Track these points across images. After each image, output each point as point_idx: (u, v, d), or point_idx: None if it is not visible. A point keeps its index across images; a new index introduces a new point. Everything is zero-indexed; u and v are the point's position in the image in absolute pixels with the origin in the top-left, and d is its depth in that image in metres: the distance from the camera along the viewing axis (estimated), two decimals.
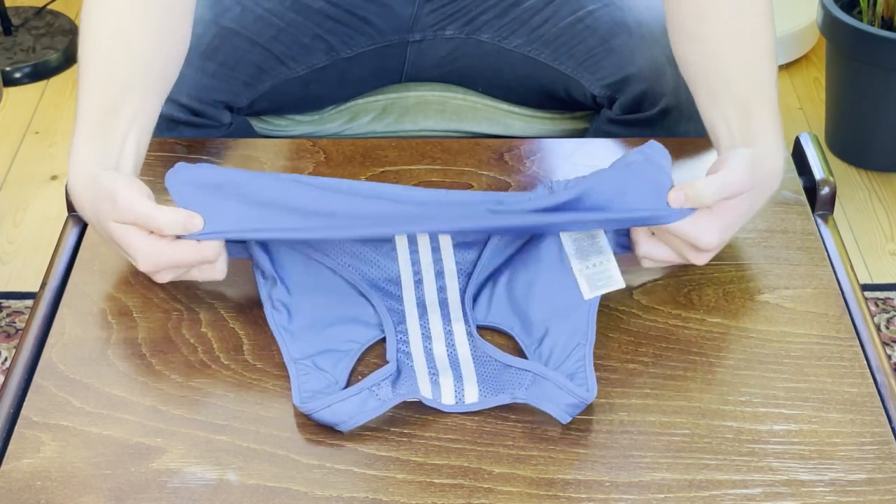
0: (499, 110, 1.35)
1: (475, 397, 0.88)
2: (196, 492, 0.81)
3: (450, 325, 0.93)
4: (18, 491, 0.81)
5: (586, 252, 0.94)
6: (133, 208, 0.89)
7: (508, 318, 0.94)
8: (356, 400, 0.85)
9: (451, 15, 1.29)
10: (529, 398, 0.86)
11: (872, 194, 2.13)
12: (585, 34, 1.25)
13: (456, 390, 0.88)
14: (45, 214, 2.08)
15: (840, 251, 1.02)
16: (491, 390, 0.88)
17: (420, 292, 0.95)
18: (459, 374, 0.89)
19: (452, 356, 0.91)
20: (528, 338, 0.92)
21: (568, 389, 0.85)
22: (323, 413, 0.85)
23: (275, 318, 0.92)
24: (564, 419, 0.85)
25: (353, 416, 0.84)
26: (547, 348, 0.90)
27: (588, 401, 0.85)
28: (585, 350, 0.89)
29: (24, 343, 0.93)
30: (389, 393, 0.87)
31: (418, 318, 0.94)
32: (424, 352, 0.91)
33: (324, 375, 0.88)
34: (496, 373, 0.89)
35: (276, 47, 1.24)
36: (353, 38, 1.28)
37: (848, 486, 0.82)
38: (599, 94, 1.25)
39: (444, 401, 0.87)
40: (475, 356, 0.91)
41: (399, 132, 1.35)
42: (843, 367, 0.91)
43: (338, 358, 0.90)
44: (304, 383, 0.87)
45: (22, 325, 1.83)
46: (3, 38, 2.50)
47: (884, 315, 1.86)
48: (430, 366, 0.90)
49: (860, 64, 2.07)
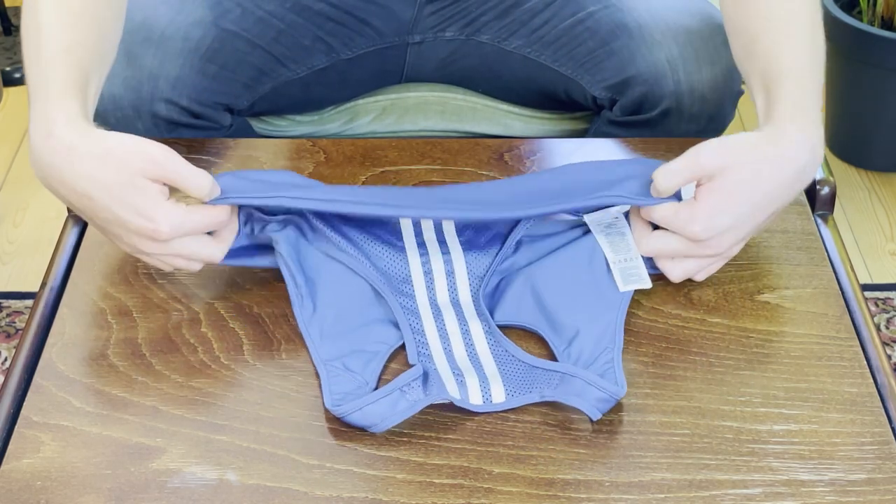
0: (499, 110, 1.35)
1: (502, 397, 0.87)
2: (196, 492, 0.81)
3: (466, 325, 0.93)
4: (18, 491, 0.81)
5: (618, 248, 0.95)
6: (170, 165, 0.87)
7: (537, 319, 0.94)
8: (387, 402, 0.85)
9: (452, 17, 1.29)
10: (558, 395, 0.86)
11: (872, 194, 2.14)
12: (586, 36, 1.25)
13: (483, 390, 0.88)
14: (45, 214, 2.08)
15: (840, 251, 1.02)
16: (518, 389, 0.88)
17: (432, 293, 0.95)
18: (484, 374, 0.89)
19: (472, 355, 0.91)
20: (557, 339, 0.92)
21: (598, 385, 0.85)
22: (355, 416, 0.85)
23: (304, 317, 0.92)
24: (595, 415, 0.84)
25: (384, 418, 0.84)
26: (576, 350, 0.90)
27: (618, 396, 0.85)
28: (614, 353, 0.89)
29: (24, 343, 0.93)
30: (420, 394, 0.86)
31: (433, 318, 0.94)
32: (445, 353, 0.91)
33: (353, 377, 0.88)
34: (522, 372, 0.89)
35: (276, 49, 1.24)
36: (353, 39, 1.28)
37: (848, 486, 0.82)
38: (600, 96, 1.25)
39: (472, 401, 0.87)
40: (495, 354, 0.91)
41: (399, 132, 1.35)
42: (843, 367, 0.91)
43: (367, 359, 0.90)
44: (335, 385, 0.87)
45: (22, 325, 1.83)
46: (3, 38, 2.50)
47: (884, 315, 1.86)
48: (453, 367, 0.90)
49: (860, 64, 2.07)
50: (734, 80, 1.22)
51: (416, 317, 0.93)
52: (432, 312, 0.94)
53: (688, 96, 1.20)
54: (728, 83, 1.22)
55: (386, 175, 1.09)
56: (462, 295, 0.95)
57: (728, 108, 1.24)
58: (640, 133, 1.24)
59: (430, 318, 0.94)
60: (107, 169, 0.87)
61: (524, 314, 0.94)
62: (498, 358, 0.91)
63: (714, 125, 1.24)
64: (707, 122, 1.23)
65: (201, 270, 0.95)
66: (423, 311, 0.94)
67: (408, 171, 1.10)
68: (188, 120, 1.19)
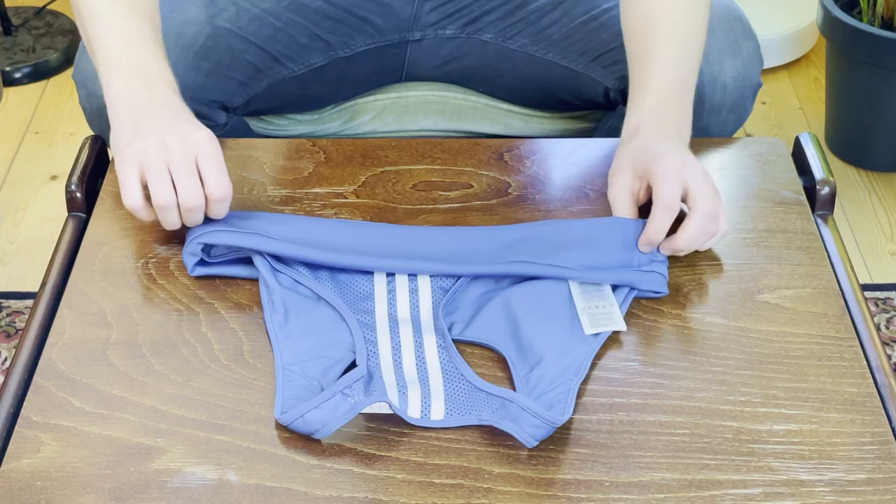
0: (499, 110, 1.35)
1: (441, 415, 0.87)
2: (196, 492, 0.81)
3: (420, 337, 0.93)
4: (18, 491, 0.81)
5: (591, 295, 0.95)
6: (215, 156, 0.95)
7: (505, 341, 0.92)
8: (328, 406, 0.84)
9: (452, 14, 1.29)
10: (494, 420, 0.84)
11: (872, 194, 2.13)
12: (600, 31, 1.24)
13: (423, 405, 0.87)
14: (45, 214, 2.08)
15: (840, 251, 1.02)
16: (458, 409, 0.87)
17: (392, 308, 0.95)
18: (427, 389, 0.89)
19: (421, 368, 0.90)
20: (521, 363, 0.90)
21: (532, 411, 0.83)
22: (297, 423, 0.84)
23: (273, 323, 0.92)
24: (530, 442, 0.83)
25: (325, 423, 0.83)
26: (536, 376, 0.89)
27: (556, 424, 0.84)
28: (572, 384, 0.87)
29: (24, 343, 0.93)
30: (361, 395, 0.85)
31: (389, 331, 0.93)
32: (394, 364, 0.91)
33: (309, 382, 0.88)
34: (466, 393, 0.88)
35: (272, 46, 1.23)
36: (352, 37, 1.27)
37: (848, 486, 0.82)
38: (614, 87, 1.25)
39: (410, 413, 0.86)
40: (445, 370, 0.90)
41: (399, 132, 1.35)
42: (843, 367, 0.91)
43: (328, 365, 0.89)
44: (288, 389, 0.87)
45: (22, 325, 1.83)
46: (3, 38, 2.49)
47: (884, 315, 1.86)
48: (398, 378, 0.89)
49: (860, 64, 2.07)
50: (755, 72, 1.22)
51: (371, 330, 0.93)
52: (389, 326, 0.94)
53: (709, 86, 1.19)
54: (749, 75, 1.21)
55: (386, 175, 1.09)
56: (423, 310, 0.95)
57: (748, 100, 1.23)
58: None
59: (385, 332, 0.93)
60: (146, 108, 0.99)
61: (494, 334, 0.93)
62: (446, 374, 0.90)
63: (734, 116, 1.23)
64: (727, 114, 1.22)
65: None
66: (380, 325, 0.93)
67: (408, 171, 1.10)
68: None
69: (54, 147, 2.25)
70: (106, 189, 1.08)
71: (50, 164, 2.20)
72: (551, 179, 1.10)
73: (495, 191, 1.08)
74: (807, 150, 1.10)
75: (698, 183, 0.98)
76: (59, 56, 2.46)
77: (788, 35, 2.39)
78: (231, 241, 0.96)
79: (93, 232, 1.03)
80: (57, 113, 2.34)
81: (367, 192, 1.07)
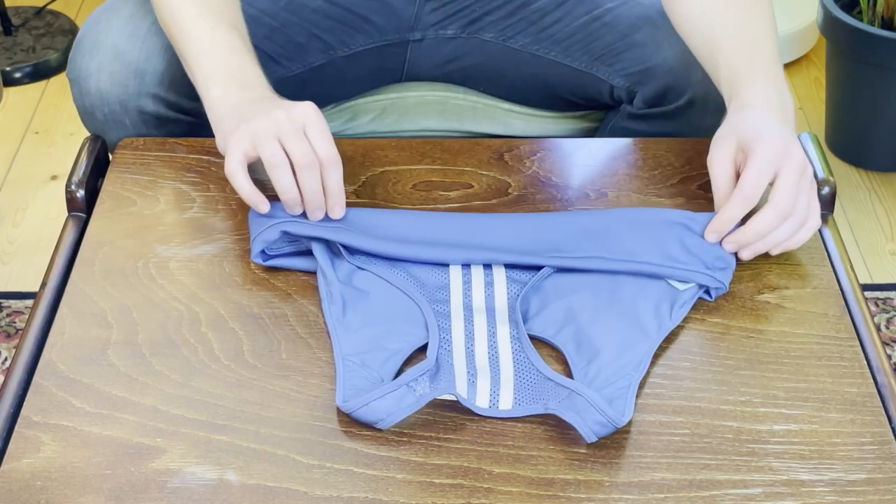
0: (499, 110, 1.35)
1: (509, 405, 0.87)
2: (196, 492, 0.81)
3: (494, 328, 0.93)
4: (18, 491, 0.81)
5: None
6: (322, 124, 0.99)
7: (565, 338, 0.92)
8: (393, 397, 0.85)
9: (454, 14, 1.29)
10: (560, 410, 0.85)
11: (872, 194, 2.13)
12: (604, 31, 1.24)
13: (492, 395, 0.88)
14: (45, 214, 2.08)
15: (840, 251, 1.02)
16: (526, 399, 0.88)
17: (468, 297, 0.95)
18: (497, 379, 0.89)
19: (493, 357, 0.91)
20: (578, 357, 0.91)
21: (599, 408, 0.84)
22: (361, 411, 0.85)
23: (332, 314, 0.93)
24: (590, 437, 0.83)
25: (390, 413, 0.84)
26: (594, 369, 0.89)
27: (618, 424, 0.84)
28: (632, 380, 0.88)
29: (24, 343, 0.93)
30: (427, 388, 0.86)
31: (463, 320, 0.94)
32: (466, 352, 0.91)
33: (369, 373, 0.88)
34: (534, 382, 0.89)
35: (268, 46, 1.23)
36: (351, 36, 1.27)
37: (848, 486, 0.82)
38: (618, 86, 1.24)
39: (479, 403, 0.87)
40: (516, 360, 0.90)
41: (399, 132, 1.35)
42: (843, 367, 0.91)
43: (387, 356, 0.90)
44: (349, 380, 0.87)
45: (22, 325, 1.83)
46: (3, 38, 2.49)
47: (884, 315, 1.86)
48: (469, 366, 0.90)
49: (860, 64, 2.07)
50: None
51: (445, 318, 0.93)
52: (464, 315, 0.94)
53: (714, 87, 1.19)
54: None
55: (386, 175, 1.09)
56: (499, 301, 0.95)
57: None
58: (661, 126, 1.23)
59: (459, 320, 0.94)
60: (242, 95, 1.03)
61: (553, 330, 0.93)
62: (517, 364, 0.90)
63: None
64: None
65: (200, 272, 0.96)
66: (455, 313, 0.94)
67: (408, 171, 1.10)
68: (176, 115, 1.18)
69: (54, 147, 2.25)
70: (106, 189, 1.08)
71: (50, 164, 2.20)
72: (552, 179, 1.10)
73: (495, 191, 1.08)
74: (807, 149, 1.10)
75: (788, 177, 0.95)
76: (59, 56, 2.45)
77: (788, 35, 2.39)
78: (310, 232, 0.97)
79: (93, 232, 1.03)
80: (57, 113, 2.34)
81: (367, 192, 1.07)
